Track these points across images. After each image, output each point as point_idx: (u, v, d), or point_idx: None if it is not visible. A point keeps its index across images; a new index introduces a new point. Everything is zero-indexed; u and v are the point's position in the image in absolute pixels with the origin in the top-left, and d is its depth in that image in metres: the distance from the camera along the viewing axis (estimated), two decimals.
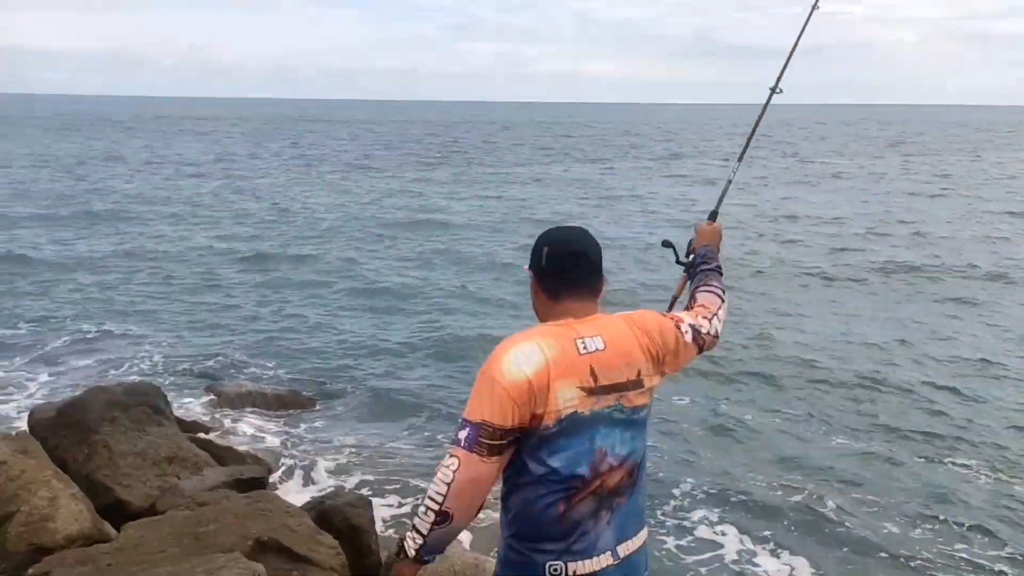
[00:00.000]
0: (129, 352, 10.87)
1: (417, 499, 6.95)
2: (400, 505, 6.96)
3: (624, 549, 2.18)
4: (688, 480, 7.45)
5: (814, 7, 3.43)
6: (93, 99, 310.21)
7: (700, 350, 2.42)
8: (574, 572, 2.12)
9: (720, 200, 3.00)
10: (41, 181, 30.74)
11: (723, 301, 2.56)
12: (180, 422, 7.60)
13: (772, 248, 19.02)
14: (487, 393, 2.07)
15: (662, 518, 6.82)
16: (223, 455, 7.47)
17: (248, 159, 43.76)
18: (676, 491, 7.26)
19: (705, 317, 2.46)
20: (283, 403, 9.69)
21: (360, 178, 34.50)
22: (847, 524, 6.71)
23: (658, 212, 25.11)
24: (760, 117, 3.36)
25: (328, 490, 6.85)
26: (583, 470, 2.10)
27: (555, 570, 2.12)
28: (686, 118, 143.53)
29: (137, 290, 14.43)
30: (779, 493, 7.25)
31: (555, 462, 2.09)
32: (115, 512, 5.49)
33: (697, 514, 6.89)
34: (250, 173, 35.70)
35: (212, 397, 9.28)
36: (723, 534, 6.62)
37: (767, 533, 6.61)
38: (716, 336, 2.47)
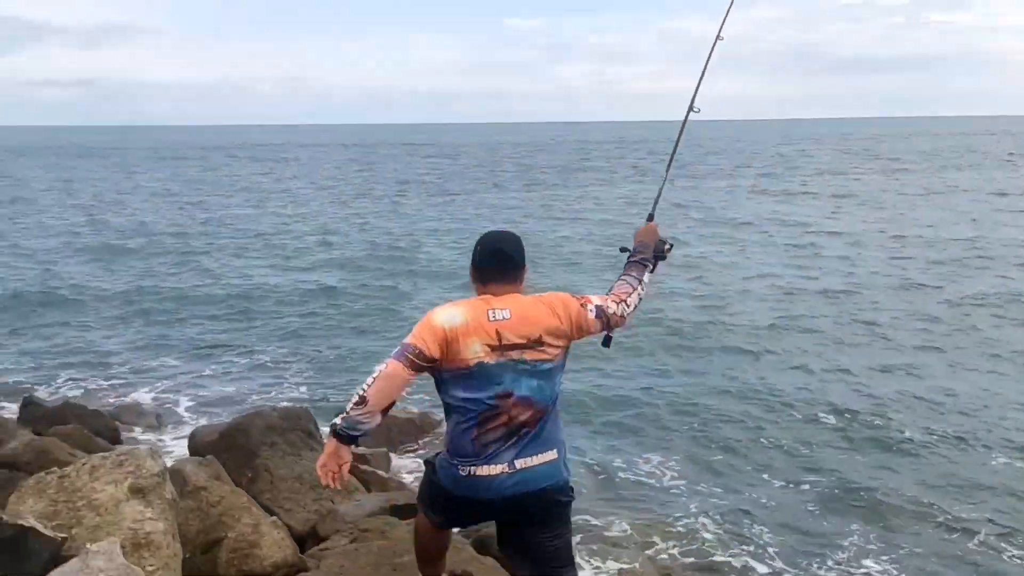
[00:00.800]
0: (262, 379, 11.16)
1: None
2: None
3: (521, 463, 2.89)
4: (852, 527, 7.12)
5: (717, 38, 4.07)
6: (196, 129, 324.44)
7: (606, 326, 3.11)
8: (474, 473, 2.88)
9: (655, 203, 3.63)
10: (159, 212, 32.16)
11: (634, 289, 3.21)
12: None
13: (898, 272, 18.26)
14: (422, 328, 2.88)
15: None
16: (367, 479, 7.55)
17: (348, 187, 44.87)
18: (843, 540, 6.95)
19: (615, 301, 3.13)
20: (416, 427, 9.78)
21: (454, 203, 34.89)
22: None
23: (768, 232, 24.47)
24: (680, 134, 3.93)
25: None
26: (489, 401, 2.85)
27: (464, 471, 2.90)
28: (785, 133, 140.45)
29: (264, 316, 14.87)
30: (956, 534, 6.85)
31: (467, 394, 2.87)
32: None
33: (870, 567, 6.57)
34: (352, 202, 36.55)
35: None
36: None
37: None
38: (622, 316, 3.13)
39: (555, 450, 2.96)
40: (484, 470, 2.87)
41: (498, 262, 3.00)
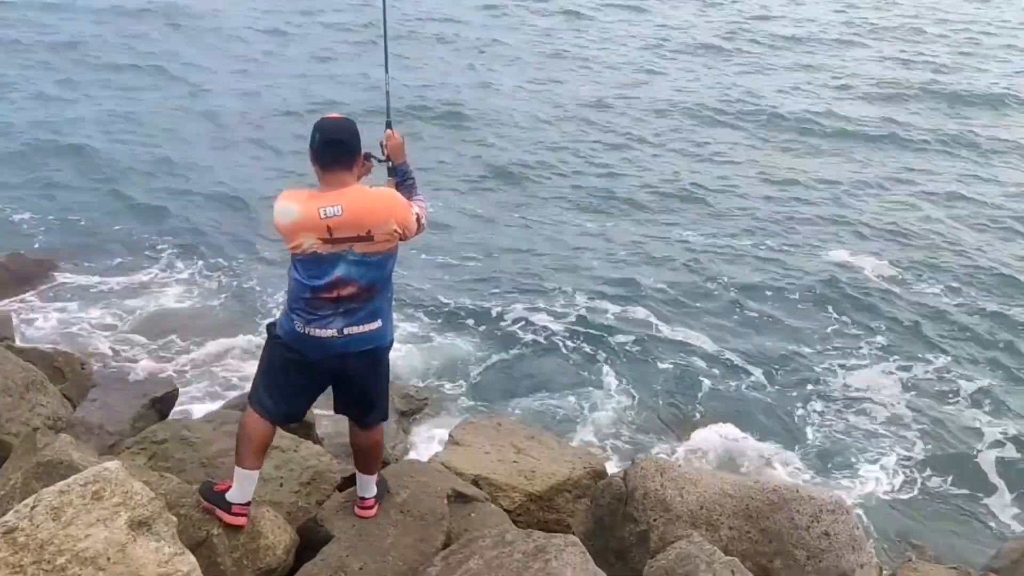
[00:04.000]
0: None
1: None
2: None
3: (348, 330, 3.37)
4: None
5: None
6: None
7: (413, 235, 3.51)
8: (310, 332, 3.36)
9: (388, 109, 3.98)
10: None
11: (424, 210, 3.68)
12: None
13: None
14: (275, 218, 3.33)
15: None
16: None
17: None
18: None
19: (423, 216, 3.57)
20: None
21: None
22: None
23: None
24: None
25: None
26: (320, 283, 3.30)
27: (298, 325, 3.36)
28: None
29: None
30: None
31: (304, 276, 3.32)
32: None
33: None
34: None
35: None
36: None
37: None
38: (423, 229, 3.57)
39: (379, 320, 3.45)
40: (317, 332, 3.34)
41: (335, 152, 3.34)
